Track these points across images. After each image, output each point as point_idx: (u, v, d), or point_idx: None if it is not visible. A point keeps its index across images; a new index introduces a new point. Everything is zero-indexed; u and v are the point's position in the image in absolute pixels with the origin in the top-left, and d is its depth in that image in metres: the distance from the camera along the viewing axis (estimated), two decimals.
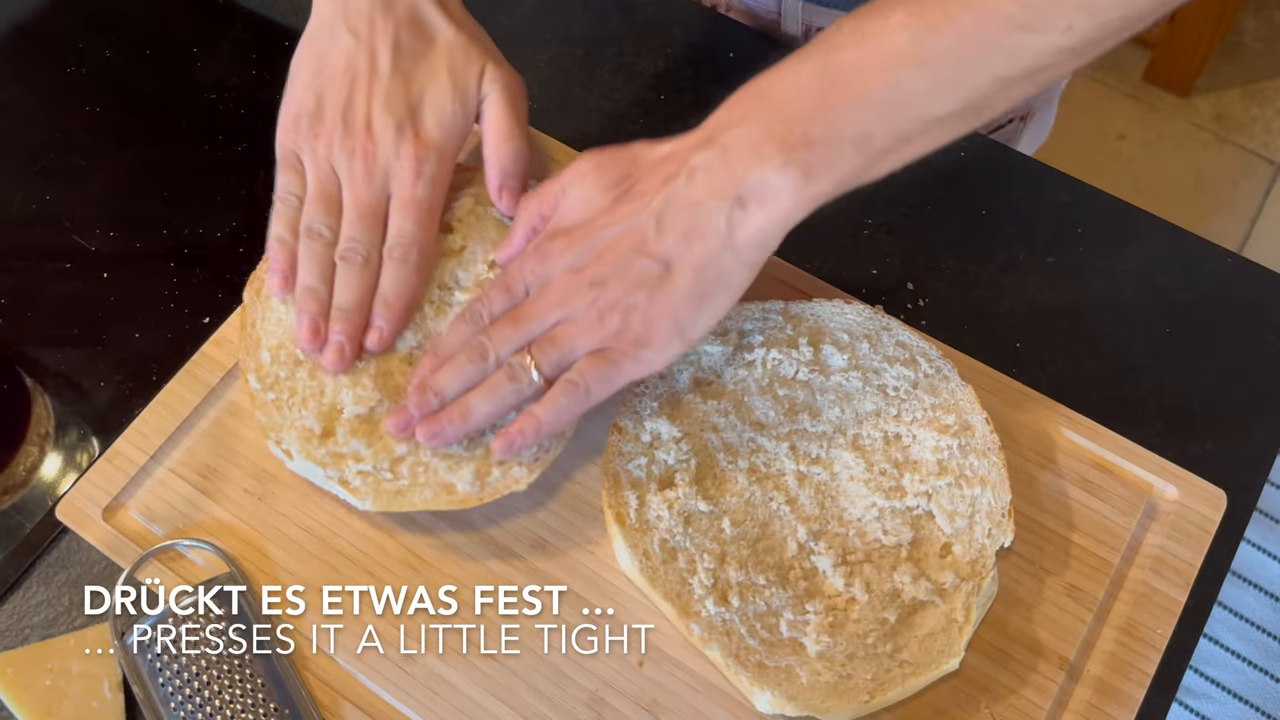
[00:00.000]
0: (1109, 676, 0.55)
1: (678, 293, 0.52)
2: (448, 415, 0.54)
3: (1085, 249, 0.68)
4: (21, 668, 0.55)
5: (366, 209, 0.58)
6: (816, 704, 0.51)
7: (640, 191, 0.53)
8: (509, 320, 0.55)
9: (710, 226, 0.51)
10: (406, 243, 0.58)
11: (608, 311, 0.52)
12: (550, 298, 0.54)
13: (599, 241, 0.53)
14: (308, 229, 0.59)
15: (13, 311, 0.68)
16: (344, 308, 0.57)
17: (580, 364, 0.53)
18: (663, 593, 0.54)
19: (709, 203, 0.50)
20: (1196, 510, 0.58)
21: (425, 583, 0.57)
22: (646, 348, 0.53)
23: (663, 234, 0.52)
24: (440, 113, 0.59)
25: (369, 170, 0.58)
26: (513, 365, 0.54)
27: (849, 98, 0.48)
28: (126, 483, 0.59)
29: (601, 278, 0.53)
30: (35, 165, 0.73)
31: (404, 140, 0.58)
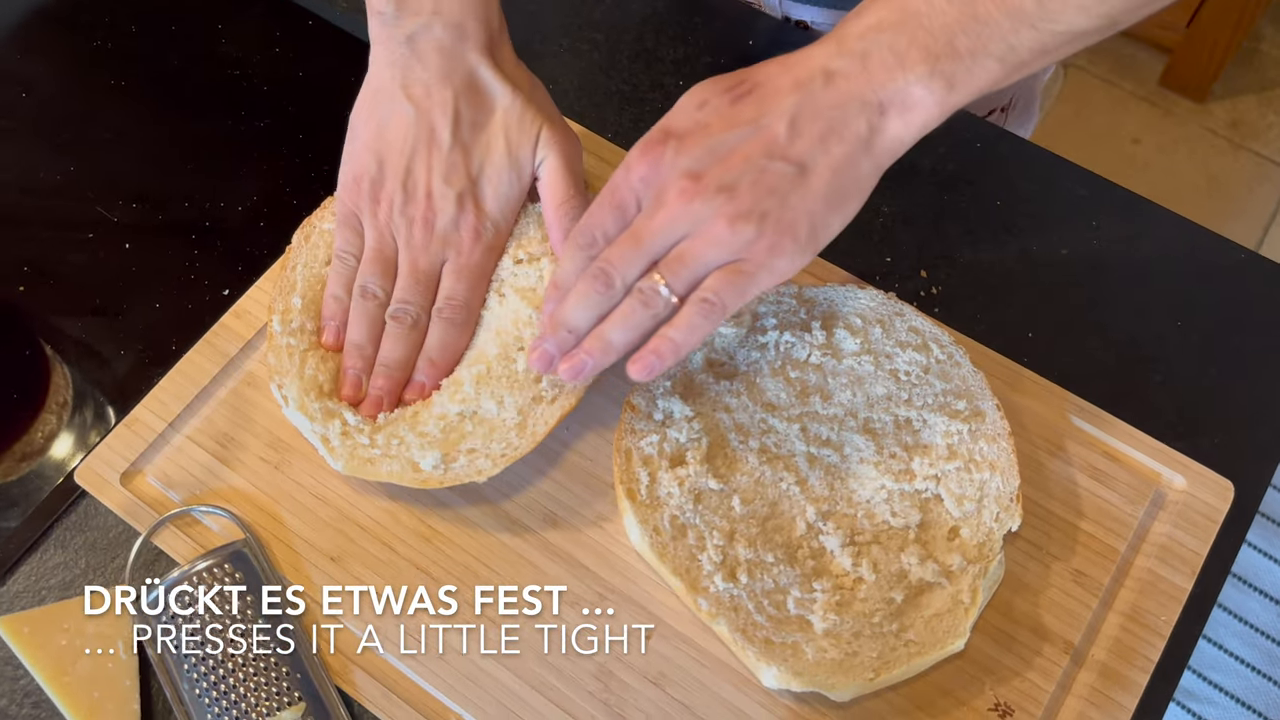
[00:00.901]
0: (1113, 662, 0.55)
1: (814, 196, 0.50)
2: (587, 350, 0.53)
3: (1099, 241, 0.68)
4: (38, 627, 0.56)
5: (421, 274, 0.60)
6: (822, 680, 0.52)
7: (767, 94, 0.51)
8: (630, 240, 0.52)
9: (850, 130, 0.50)
10: (458, 304, 0.60)
11: (739, 220, 0.50)
12: (671, 209, 0.51)
13: (721, 145, 0.51)
14: (362, 288, 0.60)
15: (35, 280, 0.69)
16: (387, 364, 0.60)
17: (713, 280, 0.51)
18: (672, 568, 0.55)
19: (850, 105, 0.49)
20: (1204, 500, 0.58)
21: (437, 554, 0.57)
22: (780, 256, 0.50)
23: (798, 136, 0.50)
24: (498, 185, 0.60)
25: (427, 238, 0.60)
26: (644, 291, 0.51)
27: (997, 9, 0.48)
28: (145, 449, 0.60)
29: (730, 182, 0.50)
30: (60, 137, 0.74)
31: (464, 212, 0.60)
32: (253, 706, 0.54)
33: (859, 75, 0.49)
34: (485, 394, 0.59)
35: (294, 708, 0.54)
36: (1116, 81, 1.88)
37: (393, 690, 0.55)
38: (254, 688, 0.54)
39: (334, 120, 0.73)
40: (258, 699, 0.54)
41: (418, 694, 0.55)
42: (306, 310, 0.61)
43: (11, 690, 0.57)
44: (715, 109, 0.52)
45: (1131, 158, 1.81)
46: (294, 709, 0.54)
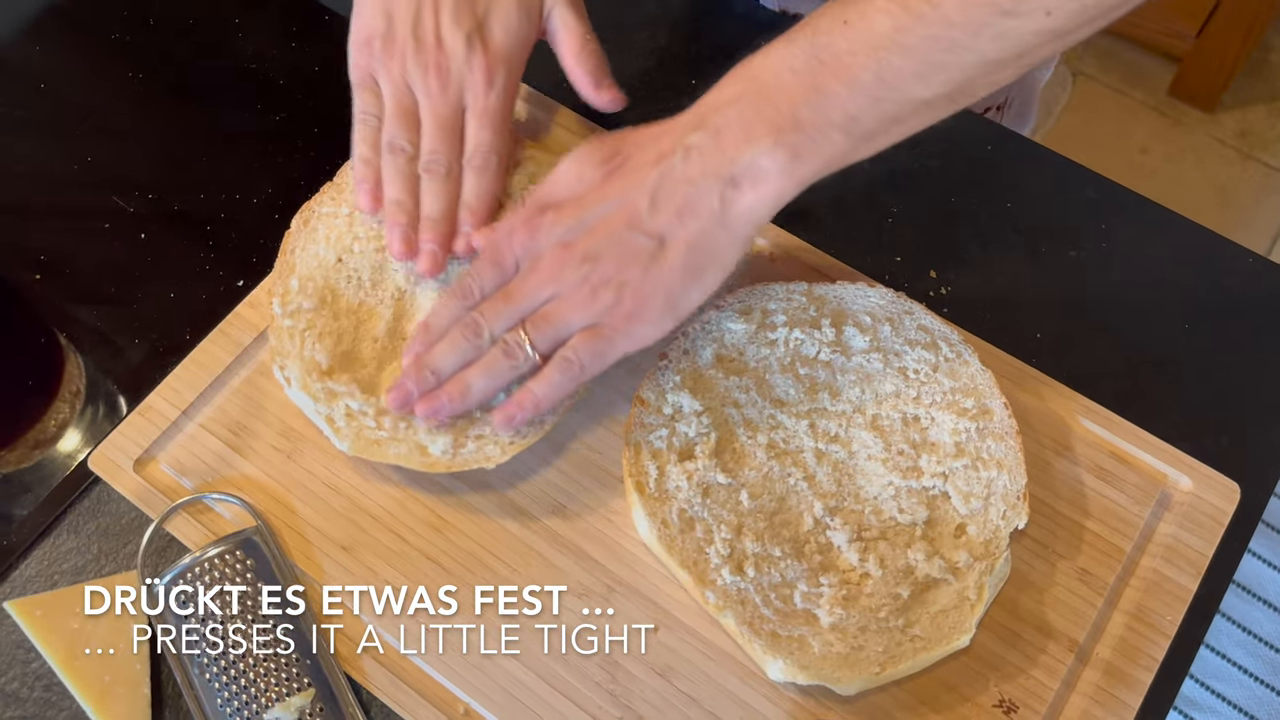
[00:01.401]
0: (1118, 660, 0.55)
1: (671, 268, 0.53)
2: (446, 393, 0.56)
3: (1109, 244, 0.68)
4: (50, 610, 0.56)
5: (444, 122, 0.60)
6: (828, 674, 0.52)
7: (633, 168, 0.54)
8: (501, 296, 0.56)
9: (704, 204, 0.52)
10: (486, 151, 0.60)
11: (601, 287, 0.53)
12: (542, 273, 0.54)
13: (591, 217, 0.54)
14: (390, 145, 0.61)
15: (50, 269, 0.69)
16: (432, 217, 0.60)
17: (574, 341, 0.54)
18: (679, 561, 0.55)
19: (702, 181, 0.52)
20: (1210, 501, 0.59)
21: (447, 544, 0.58)
22: (639, 323, 0.54)
23: (657, 210, 0.52)
24: (506, 22, 0.61)
25: (443, 84, 0.60)
26: (508, 343, 0.55)
27: (836, 81, 0.49)
28: (158, 436, 0.61)
29: (594, 253, 0.53)
30: (77, 128, 0.74)
31: (474, 52, 0.60)
32: (262, 692, 0.54)
33: (712, 150, 0.51)
34: None
35: (303, 694, 0.54)
36: (1126, 90, 1.88)
37: (401, 678, 0.55)
38: (263, 673, 0.54)
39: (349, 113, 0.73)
40: (267, 685, 0.54)
41: (426, 682, 0.55)
42: (304, 291, 0.61)
43: (23, 673, 0.57)
44: (590, 182, 0.55)
45: (1139, 166, 1.81)
46: (303, 695, 0.54)
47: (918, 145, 0.71)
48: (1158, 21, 1.82)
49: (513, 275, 0.56)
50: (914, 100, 0.49)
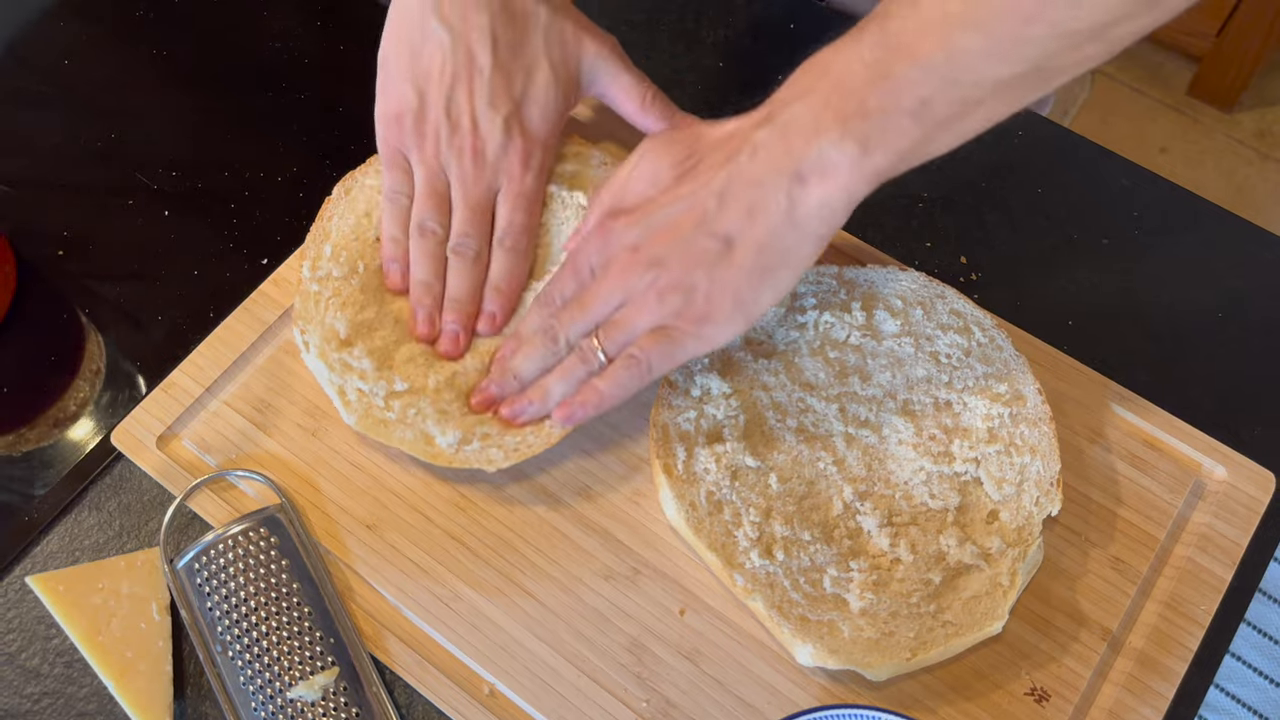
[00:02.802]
0: (1150, 649, 0.54)
1: (739, 270, 0.52)
2: (528, 398, 0.57)
3: (1140, 231, 0.68)
4: (72, 586, 0.56)
5: (476, 205, 0.60)
6: (858, 658, 0.51)
7: (703, 169, 0.53)
8: (576, 305, 0.56)
9: (771, 202, 0.50)
10: (517, 233, 0.60)
11: (668, 291, 0.53)
12: (611, 280, 0.54)
13: (659, 220, 0.53)
14: (419, 227, 0.60)
15: (73, 245, 0.69)
16: (457, 298, 0.60)
17: (642, 340, 0.54)
18: (707, 543, 0.54)
19: (769, 179, 0.50)
20: (1245, 491, 0.58)
21: (472, 524, 0.57)
22: (708, 324, 0.53)
23: (724, 211, 0.51)
24: (544, 105, 0.60)
25: (479, 166, 0.60)
26: (582, 349, 0.55)
27: (906, 65, 0.47)
28: (181, 413, 0.60)
29: (661, 257, 0.53)
30: (101, 105, 0.74)
31: (511, 137, 0.60)
32: (285, 670, 0.53)
33: (779, 146, 0.50)
34: None
35: (327, 672, 0.54)
36: (1144, 90, 1.87)
37: (426, 658, 0.54)
38: (287, 651, 0.54)
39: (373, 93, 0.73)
40: (290, 663, 0.54)
41: (451, 662, 0.55)
42: (335, 258, 0.61)
43: (44, 649, 0.57)
44: (662, 184, 0.54)
45: (1158, 166, 1.79)
46: (327, 674, 0.54)
47: None
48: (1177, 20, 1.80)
49: (589, 281, 0.56)
50: (989, 81, 0.47)
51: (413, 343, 0.60)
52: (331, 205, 0.62)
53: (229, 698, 0.54)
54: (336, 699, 0.53)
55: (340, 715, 0.53)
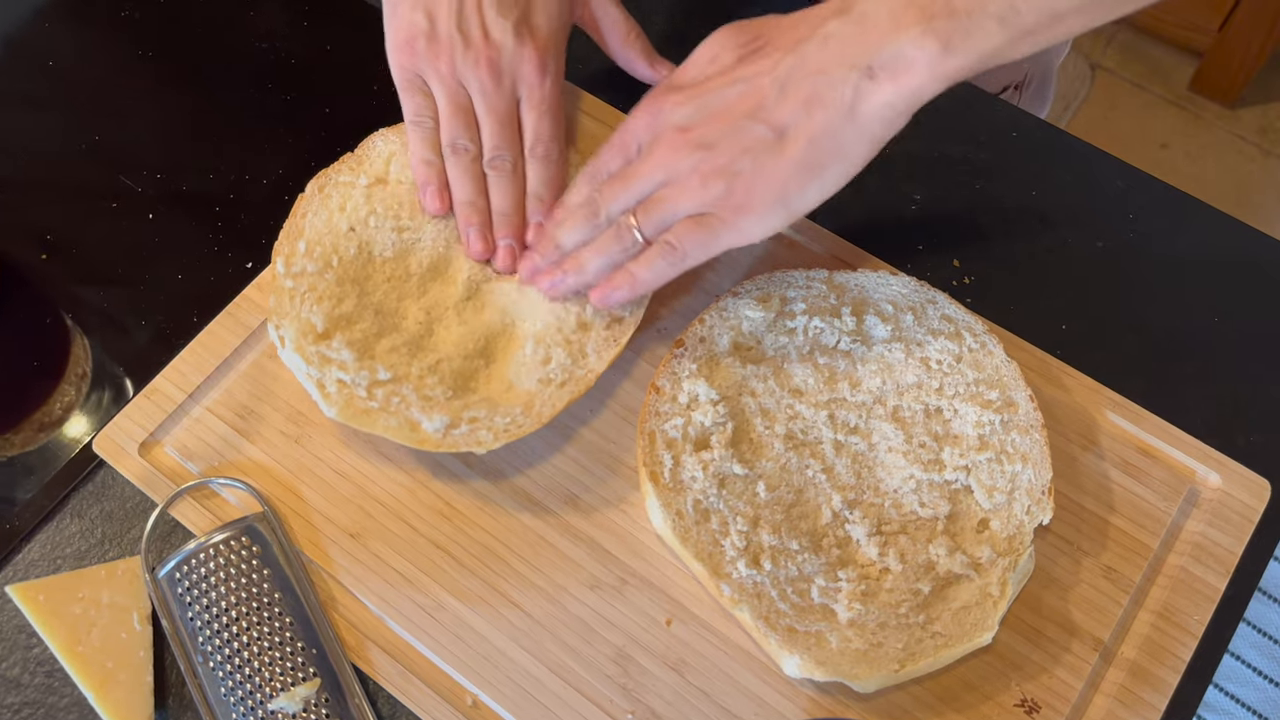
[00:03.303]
0: (1143, 660, 0.54)
1: (789, 161, 0.50)
2: (564, 268, 0.57)
3: (1136, 234, 0.67)
4: (52, 595, 0.55)
5: (503, 117, 0.60)
6: (846, 670, 0.51)
7: (767, 53, 0.51)
8: (619, 180, 0.55)
9: (834, 95, 0.49)
10: (548, 140, 0.60)
11: (711, 176, 0.51)
12: (656, 158, 0.53)
13: (714, 100, 0.52)
14: (452, 146, 0.60)
15: (57, 248, 0.68)
16: (505, 212, 0.59)
17: (679, 226, 0.53)
18: (694, 552, 0.54)
19: (837, 70, 0.49)
20: (1239, 499, 0.57)
21: (457, 532, 0.57)
22: (747, 215, 0.52)
23: (784, 98, 0.50)
24: (548, 10, 0.61)
25: (497, 78, 0.59)
26: (619, 225, 0.55)
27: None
28: (164, 419, 0.59)
29: (710, 140, 0.51)
30: (85, 106, 0.73)
31: (524, 43, 0.59)
32: (266, 681, 0.53)
33: (854, 38, 0.49)
34: (493, 377, 0.58)
35: (308, 683, 0.53)
36: (1146, 85, 1.86)
37: (409, 669, 0.54)
38: (268, 662, 0.53)
39: (361, 94, 0.72)
40: (272, 674, 0.53)
41: (434, 673, 0.54)
42: (309, 254, 0.60)
43: (25, 659, 0.56)
44: (721, 65, 0.53)
45: (1159, 162, 1.78)
46: (309, 685, 0.53)
47: (941, 131, 0.70)
48: (1180, 15, 1.79)
49: (634, 157, 0.55)
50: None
51: (395, 333, 0.59)
52: (305, 203, 0.62)
53: (210, 709, 0.53)
54: (317, 710, 0.53)
55: None
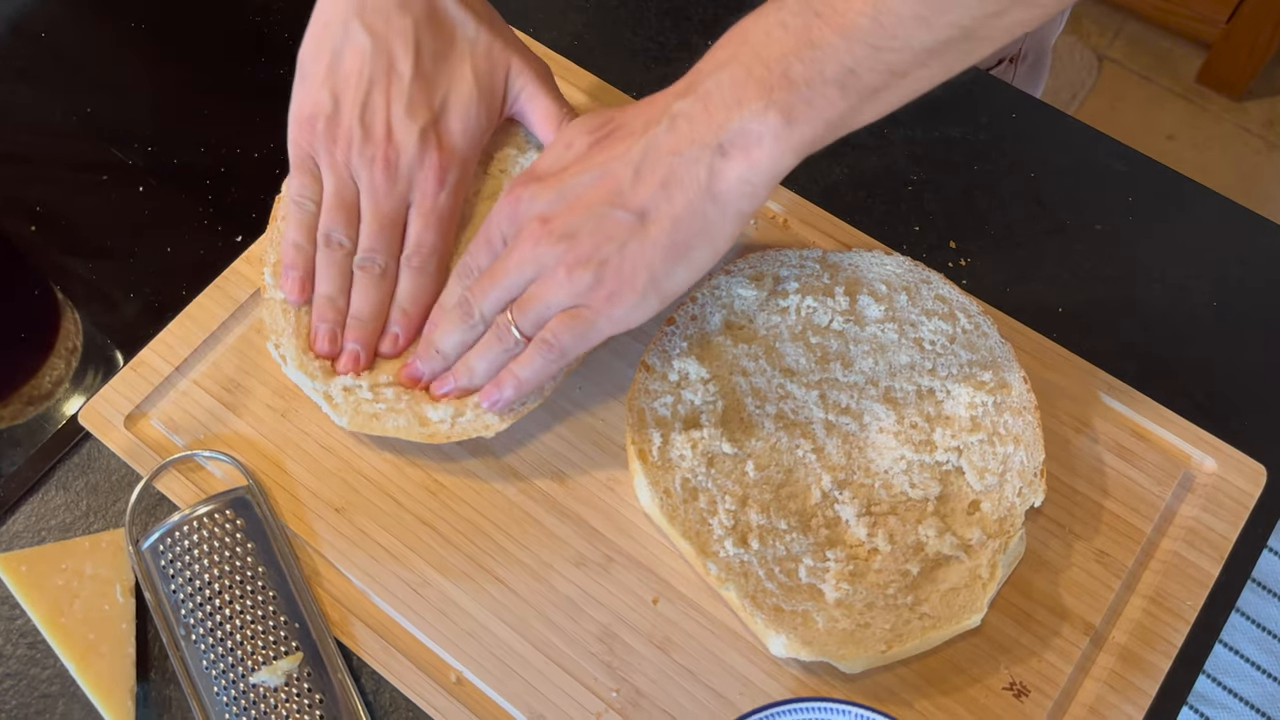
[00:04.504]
0: (1134, 645, 0.53)
1: (653, 245, 0.49)
2: (454, 375, 0.55)
3: (1135, 218, 0.66)
4: (34, 566, 0.55)
5: (386, 219, 0.57)
6: (832, 650, 0.50)
7: (619, 138, 0.51)
8: (488, 276, 0.53)
9: (690, 175, 0.48)
10: (426, 253, 0.58)
11: (577, 266, 0.50)
12: (521, 251, 0.52)
13: (571, 189, 0.51)
14: (326, 238, 0.57)
15: (47, 221, 0.68)
16: (361, 317, 0.57)
17: (553, 323, 0.52)
18: (681, 531, 0.53)
19: (689, 150, 0.48)
20: (1234, 484, 0.56)
21: (443, 509, 0.56)
22: (620, 304, 0.50)
23: (640, 183, 0.49)
24: (465, 117, 0.57)
25: (390, 179, 0.57)
26: (498, 325, 0.54)
27: (830, 31, 0.45)
28: (150, 392, 0.59)
29: (572, 229, 0.50)
30: (76, 78, 0.73)
31: (428, 148, 0.57)
32: (249, 654, 0.53)
33: (701, 117, 0.48)
34: None
35: (291, 658, 0.53)
36: (1153, 77, 1.84)
37: (393, 644, 0.53)
38: (250, 636, 0.53)
39: None
40: (254, 647, 0.53)
41: (418, 648, 0.54)
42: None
43: (7, 630, 0.56)
44: (576, 152, 0.52)
45: (1165, 153, 1.77)
46: (291, 659, 0.53)
47: (939, 112, 0.69)
48: (1188, 7, 1.78)
49: (500, 251, 0.54)
50: (917, 48, 0.44)
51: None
52: (282, 206, 0.61)
53: (192, 682, 0.53)
54: (300, 685, 0.52)
55: (304, 701, 0.52)
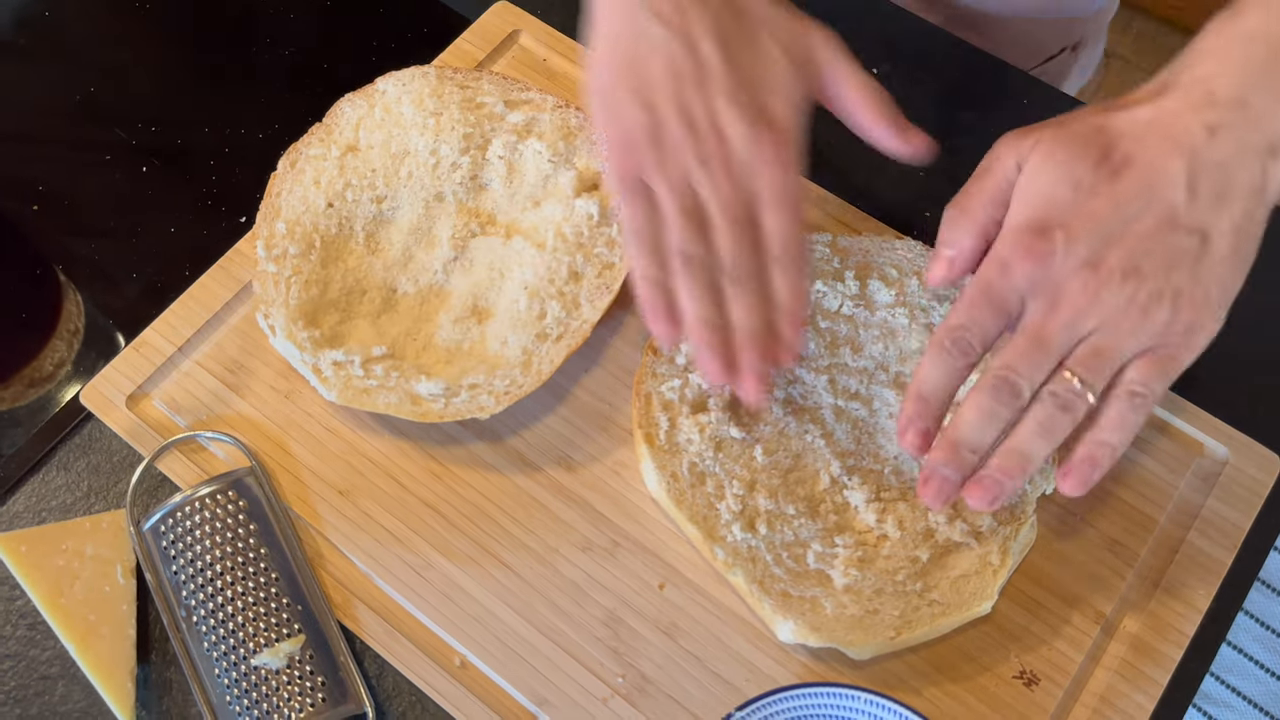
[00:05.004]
0: (1146, 634, 0.53)
1: (1221, 260, 0.47)
2: (1003, 470, 0.47)
3: None
4: (35, 546, 0.54)
5: (739, 218, 0.51)
6: (840, 636, 0.50)
7: (1144, 162, 0.47)
8: (1033, 343, 0.47)
9: (1242, 182, 0.47)
10: (791, 243, 0.52)
11: (1152, 304, 0.46)
12: (1076, 304, 0.46)
13: (1111, 226, 0.47)
14: (685, 256, 0.51)
15: (49, 200, 0.67)
16: (751, 331, 0.51)
17: (1136, 371, 0.47)
18: (689, 515, 0.53)
19: (1238, 157, 0.46)
20: (1248, 473, 0.56)
21: (448, 491, 0.56)
22: (1199, 331, 0.47)
23: (1194, 201, 0.46)
24: (785, 92, 0.52)
25: (730, 175, 0.51)
26: (1059, 395, 0.46)
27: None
28: (152, 372, 0.59)
29: (1133, 265, 0.46)
30: (80, 57, 0.72)
31: (760, 133, 0.51)
32: (250, 636, 0.52)
33: (1242, 123, 0.46)
34: (489, 334, 0.57)
35: (293, 640, 0.52)
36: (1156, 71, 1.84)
37: (397, 628, 0.53)
38: (252, 618, 0.52)
39: (359, 51, 0.71)
40: (256, 629, 0.52)
41: (422, 632, 0.53)
42: (290, 235, 0.58)
43: (6, 610, 0.55)
44: (1094, 188, 0.47)
45: None
46: (293, 641, 0.52)
47: (953, 97, 0.68)
48: (1198, 4, 1.77)
49: (1017, 315, 0.48)
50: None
51: (385, 306, 0.58)
52: (278, 181, 0.60)
53: (193, 664, 0.52)
54: (302, 667, 0.52)
55: (306, 684, 0.52)
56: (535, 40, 0.68)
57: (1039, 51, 0.86)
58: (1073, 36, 0.82)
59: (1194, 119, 0.47)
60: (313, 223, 0.59)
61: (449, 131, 0.61)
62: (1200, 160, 0.46)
